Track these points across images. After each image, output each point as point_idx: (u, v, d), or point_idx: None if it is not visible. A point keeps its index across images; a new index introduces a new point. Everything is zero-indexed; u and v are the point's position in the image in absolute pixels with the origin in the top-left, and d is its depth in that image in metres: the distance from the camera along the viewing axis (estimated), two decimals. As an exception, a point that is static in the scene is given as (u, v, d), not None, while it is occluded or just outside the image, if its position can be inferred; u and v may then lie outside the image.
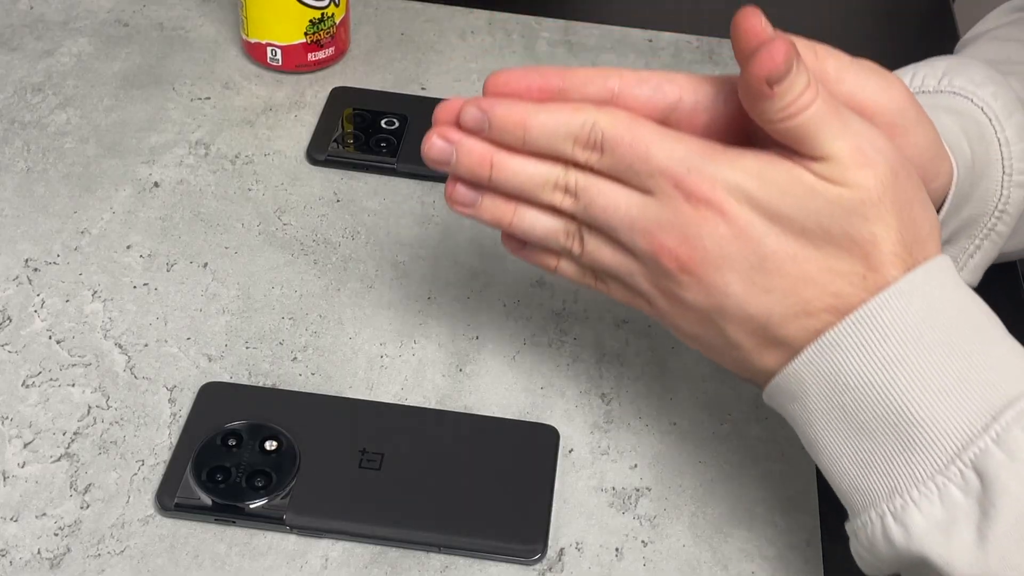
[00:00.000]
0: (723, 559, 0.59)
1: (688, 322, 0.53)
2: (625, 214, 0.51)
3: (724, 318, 0.51)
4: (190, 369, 0.65)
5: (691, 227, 0.49)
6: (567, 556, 0.58)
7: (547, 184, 0.53)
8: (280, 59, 0.83)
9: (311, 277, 0.71)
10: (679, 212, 0.50)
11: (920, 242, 0.50)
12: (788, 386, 0.51)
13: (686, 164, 0.50)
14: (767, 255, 0.49)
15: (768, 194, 0.49)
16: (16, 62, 0.83)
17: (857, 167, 0.48)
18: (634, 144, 0.50)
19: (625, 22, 0.92)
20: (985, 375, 0.47)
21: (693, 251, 0.50)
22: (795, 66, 0.47)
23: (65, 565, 0.56)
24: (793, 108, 0.48)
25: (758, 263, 0.49)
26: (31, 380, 0.64)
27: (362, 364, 0.66)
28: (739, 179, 0.49)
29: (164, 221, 0.73)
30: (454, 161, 0.53)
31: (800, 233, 0.49)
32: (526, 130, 0.52)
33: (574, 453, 0.63)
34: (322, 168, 0.78)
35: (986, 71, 0.61)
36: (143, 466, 0.60)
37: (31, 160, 0.76)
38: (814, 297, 0.49)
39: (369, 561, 0.58)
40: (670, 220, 0.50)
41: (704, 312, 0.51)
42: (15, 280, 0.69)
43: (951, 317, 0.49)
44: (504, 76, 0.53)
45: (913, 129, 0.53)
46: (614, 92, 0.52)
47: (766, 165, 0.49)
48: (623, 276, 0.53)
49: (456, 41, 0.89)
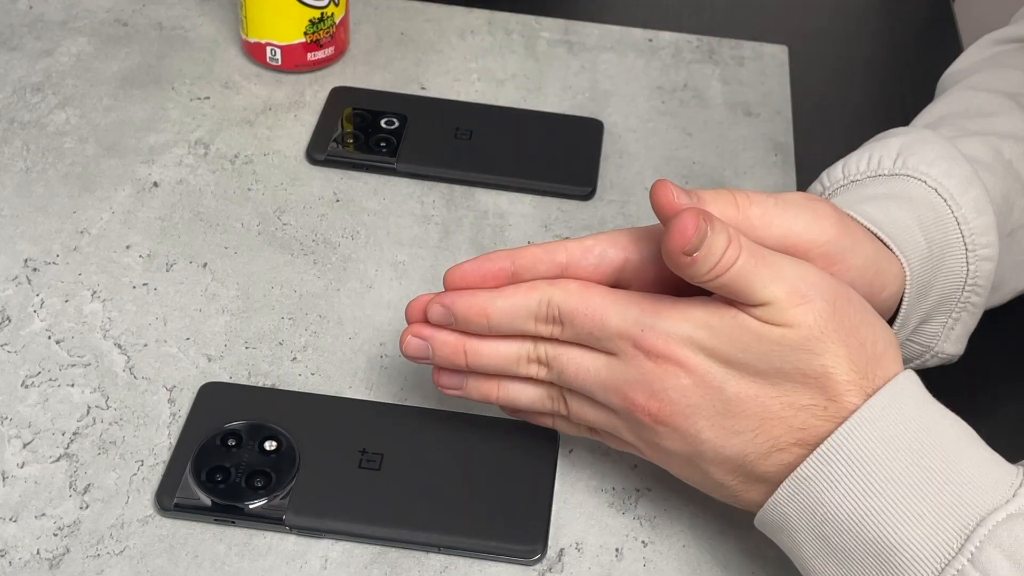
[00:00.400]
0: (723, 559, 0.59)
1: (675, 466, 0.55)
2: (595, 377, 0.54)
3: (704, 461, 0.53)
4: (189, 369, 0.65)
5: (656, 381, 0.52)
6: (567, 556, 0.58)
7: (520, 360, 0.56)
8: (280, 59, 0.83)
9: (311, 277, 0.71)
10: (642, 369, 0.52)
11: (875, 361, 0.51)
12: (772, 519, 0.53)
13: (640, 324, 0.52)
14: (730, 398, 0.51)
15: (719, 342, 0.51)
16: (15, 62, 0.83)
17: (794, 307, 0.50)
18: (588, 314, 0.54)
19: (625, 22, 0.92)
20: (955, 493, 0.48)
21: (662, 404, 0.52)
22: (708, 232, 0.49)
23: (64, 565, 0.56)
24: (718, 269, 0.50)
25: (723, 408, 0.52)
26: (30, 380, 0.64)
27: (362, 364, 0.66)
28: (690, 331, 0.52)
29: (163, 221, 0.73)
30: (431, 355, 0.58)
31: (756, 374, 0.51)
32: (488, 318, 0.56)
33: (574, 453, 0.63)
34: (322, 168, 0.78)
35: (939, 148, 0.61)
36: (142, 466, 0.60)
37: (30, 160, 0.76)
38: (783, 433, 0.51)
39: (369, 561, 0.58)
40: (636, 377, 0.53)
41: (685, 457, 0.54)
42: (14, 280, 0.69)
43: (917, 437, 0.50)
44: (458, 271, 0.57)
45: (849, 254, 0.55)
46: (563, 266, 0.55)
47: (713, 315, 0.51)
48: (609, 431, 0.56)
49: (456, 41, 0.89)
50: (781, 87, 0.87)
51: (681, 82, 0.87)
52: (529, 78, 0.86)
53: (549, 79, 0.86)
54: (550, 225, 0.75)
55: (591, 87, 0.86)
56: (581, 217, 0.76)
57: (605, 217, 0.76)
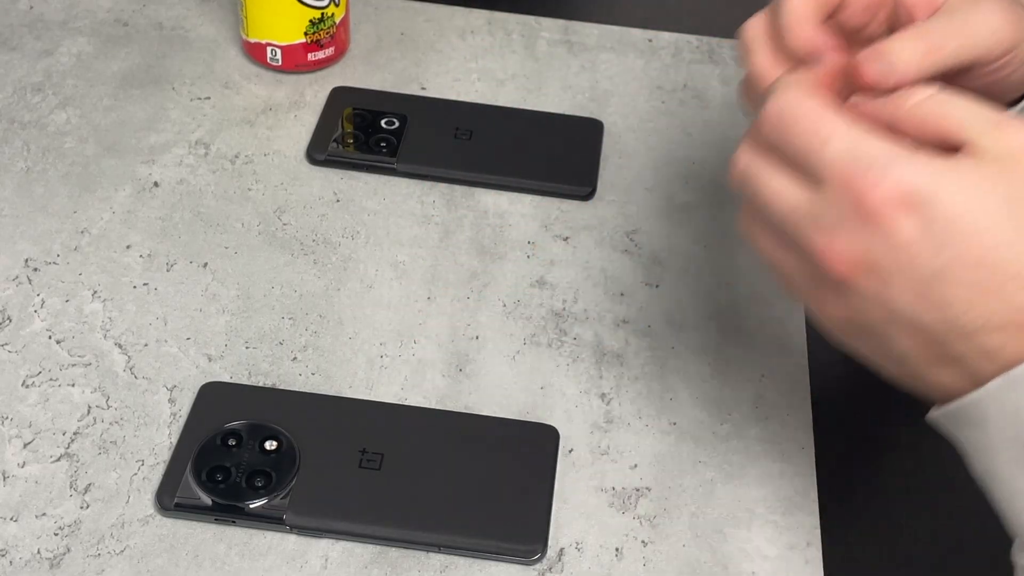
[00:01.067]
0: (723, 559, 0.59)
1: (848, 331, 0.49)
2: (791, 209, 0.47)
3: (893, 328, 0.47)
4: (190, 369, 0.65)
5: (863, 230, 0.45)
6: (567, 556, 0.58)
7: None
8: (280, 59, 0.83)
9: (311, 277, 0.71)
10: (852, 213, 0.45)
11: None
12: (967, 414, 0.47)
13: (867, 160, 0.45)
14: (946, 264, 0.45)
15: (949, 196, 0.44)
16: (16, 62, 0.83)
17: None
18: (811, 129, 0.47)
19: (625, 22, 0.92)
20: None
21: (862, 257, 0.46)
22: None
23: (65, 565, 0.56)
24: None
25: (935, 272, 0.45)
26: (31, 380, 0.64)
27: (362, 364, 0.66)
28: (921, 181, 0.45)
29: (164, 221, 0.73)
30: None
31: (985, 244, 0.45)
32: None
33: (574, 453, 0.63)
34: (322, 168, 0.78)
35: None
36: (143, 466, 0.60)
37: (31, 160, 0.76)
38: (998, 309, 0.45)
39: (369, 561, 0.58)
40: (838, 221, 0.46)
41: (868, 322, 0.47)
42: (15, 280, 0.69)
43: None
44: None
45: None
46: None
47: (950, 167, 0.45)
48: (782, 273, 0.50)
49: (456, 41, 0.89)
50: (781, 87, 0.87)
51: (681, 82, 0.87)
52: (529, 78, 0.86)
53: (549, 79, 0.86)
54: (550, 225, 0.75)
55: (591, 87, 0.86)
56: (581, 217, 0.76)
57: (605, 217, 0.76)
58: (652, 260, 0.73)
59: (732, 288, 0.72)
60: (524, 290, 0.71)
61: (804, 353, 0.68)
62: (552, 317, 0.69)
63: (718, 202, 0.78)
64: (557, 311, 0.70)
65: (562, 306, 0.70)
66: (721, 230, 0.76)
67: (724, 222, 0.76)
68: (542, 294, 0.71)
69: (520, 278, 0.72)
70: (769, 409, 0.66)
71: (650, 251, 0.74)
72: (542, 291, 0.71)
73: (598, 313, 0.70)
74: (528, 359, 0.67)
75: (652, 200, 0.77)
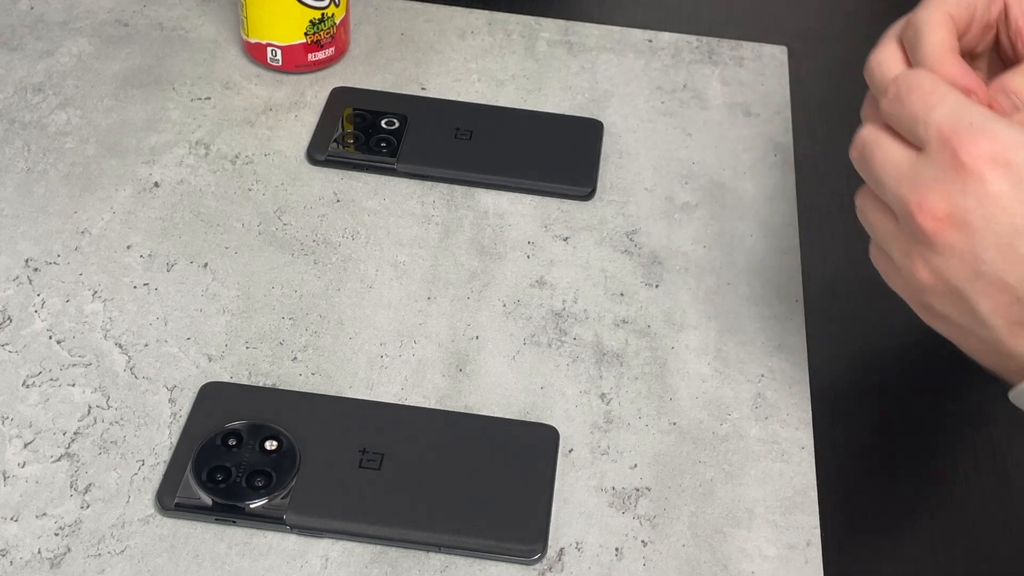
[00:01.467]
0: (723, 559, 0.59)
1: (936, 295, 0.50)
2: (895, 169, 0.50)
3: (977, 289, 0.48)
4: (190, 369, 0.65)
5: (956, 184, 0.48)
6: (567, 556, 0.58)
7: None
8: (280, 59, 0.83)
9: (311, 277, 0.71)
10: (947, 168, 0.48)
11: None
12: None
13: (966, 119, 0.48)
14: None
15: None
16: (16, 62, 0.84)
17: None
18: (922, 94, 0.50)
19: (625, 22, 0.92)
20: None
21: (954, 210, 0.48)
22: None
23: (65, 565, 0.56)
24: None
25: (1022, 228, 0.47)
26: (31, 380, 0.64)
27: (362, 364, 0.66)
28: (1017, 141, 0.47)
29: (164, 221, 0.73)
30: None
31: None
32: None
33: (574, 453, 0.63)
34: (322, 168, 0.78)
35: None
36: (143, 466, 0.60)
37: (31, 160, 0.76)
38: None
39: (369, 561, 0.58)
40: (935, 176, 0.48)
41: (955, 283, 0.49)
42: (15, 280, 0.69)
43: None
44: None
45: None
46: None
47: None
48: (880, 242, 0.52)
49: (456, 41, 0.89)
50: (781, 87, 0.87)
51: (681, 82, 0.87)
52: (529, 78, 0.86)
53: (549, 79, 0.86)
54: (550, 225, 0.75)
55: (591, 87, 0.86)
56: (581, 217, 0.76)
57: (605, 217, 0.76)
58: (652, 260, 0.73)
59: (732, 288, 0.72)
60: (524, 290, 0.71)
61: (804, 353, 0.68)
62: (552, 317, 0.70)
63: (718, 202, 0.78)
64: (557, 311, 0.70)
65: (562, 306, 0.70)
66: (721, 230, 0.76)
67: (724, 222, 0.76)
68: (542, 294, 0.71)
69: (520, 278, 0.72)
70: (769, 409, 0.66)
71: (650, 251, 0.74)
72: (542, 291, 0.71)
73: (598, 313, 0.70)
74: (528, 359, 0.67)
75: (652, 200, 0.77)
